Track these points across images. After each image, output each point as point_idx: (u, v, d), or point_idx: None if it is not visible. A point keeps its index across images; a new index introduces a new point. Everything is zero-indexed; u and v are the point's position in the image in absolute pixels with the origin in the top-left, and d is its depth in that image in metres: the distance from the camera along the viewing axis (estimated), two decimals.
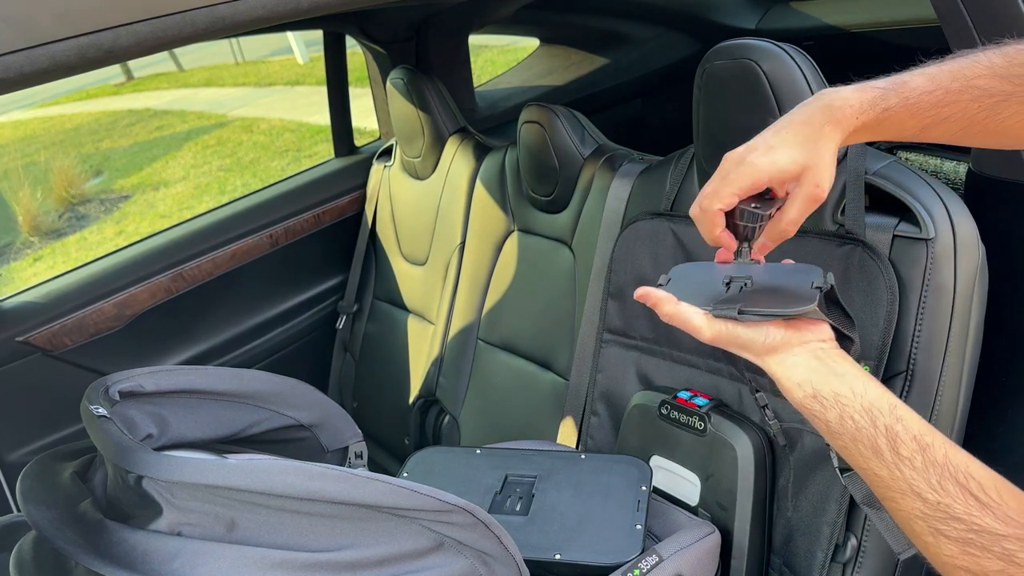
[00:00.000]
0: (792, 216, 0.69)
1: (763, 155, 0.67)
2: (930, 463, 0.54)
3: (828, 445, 0.87)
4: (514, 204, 1.63)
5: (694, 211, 0.72)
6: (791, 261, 0.76)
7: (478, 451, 1.20)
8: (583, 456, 1.16)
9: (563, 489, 1.09)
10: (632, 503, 1.04)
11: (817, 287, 0.67)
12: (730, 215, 0.71)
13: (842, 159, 1.02)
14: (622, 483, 1.08)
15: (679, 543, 0.99)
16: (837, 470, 0.95)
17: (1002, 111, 0.65)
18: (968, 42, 0.95)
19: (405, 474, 1.17)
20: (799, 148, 0.67)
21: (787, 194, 0.70)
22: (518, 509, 1.06)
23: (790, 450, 1.07)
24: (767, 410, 1.08)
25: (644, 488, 1.07)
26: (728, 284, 0.71)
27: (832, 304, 0.70)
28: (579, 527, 1.01)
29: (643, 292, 0.70)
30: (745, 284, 0.70)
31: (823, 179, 0.67)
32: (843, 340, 0.68)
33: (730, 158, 0.70)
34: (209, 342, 1.86)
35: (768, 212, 0.70)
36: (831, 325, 0.66)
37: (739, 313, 0.65)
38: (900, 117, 0.67)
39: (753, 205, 0.70)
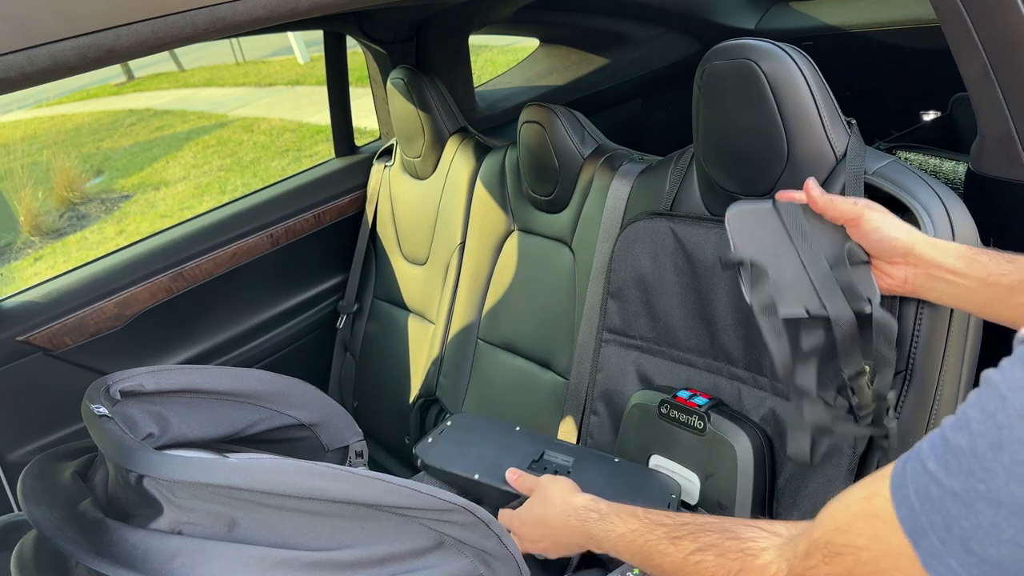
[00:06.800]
0: None
1: None
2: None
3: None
4: (514, 204, 1.63)
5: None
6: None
7: (517, 428, 1.22)
8: (616, 460, 1.17)
9: (596, 478, 1.11)
10: (662, 506, 1.06)
11: None
12: None
13: (841, 158, 1.02)
14: (654, 488, 1.10)
15: None
16: None
17: None
18: (968, 42, 0.95)
19: (448, 423, 1.20)
20: None
21: None
22: None
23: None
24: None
25: (675, 496, 1.09)
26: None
27: None
28: None
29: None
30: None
31: None
32: None
33: None
34: (210, 342, 1.86)
35: None
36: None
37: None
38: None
39: None
